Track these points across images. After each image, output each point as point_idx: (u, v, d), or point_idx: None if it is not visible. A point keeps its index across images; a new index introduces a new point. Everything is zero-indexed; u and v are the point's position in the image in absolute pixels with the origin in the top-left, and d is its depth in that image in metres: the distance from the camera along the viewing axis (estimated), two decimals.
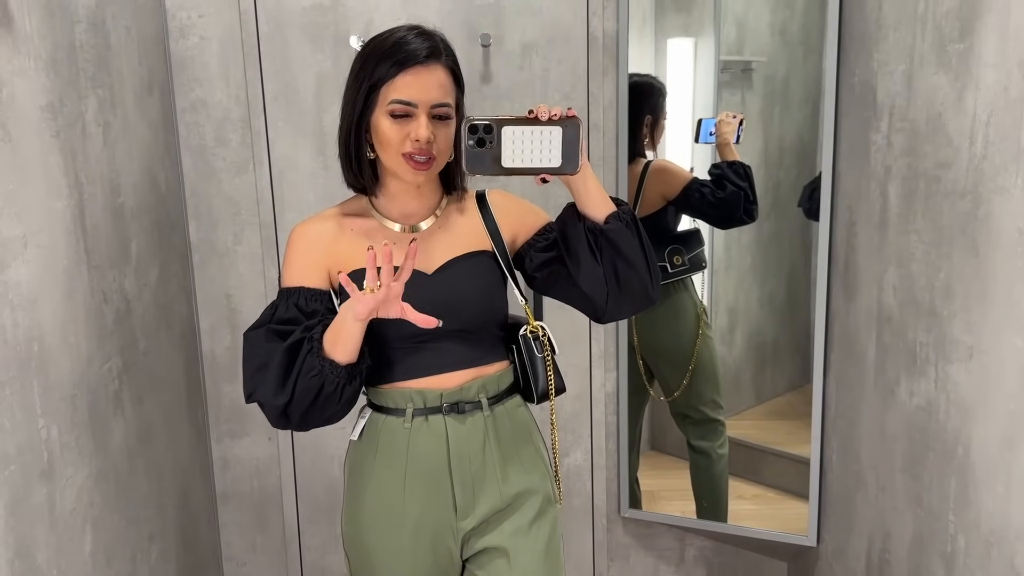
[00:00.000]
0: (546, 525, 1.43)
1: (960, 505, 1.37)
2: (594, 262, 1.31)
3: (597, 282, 1.32)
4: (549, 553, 1.42)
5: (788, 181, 2.06)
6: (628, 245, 1.30)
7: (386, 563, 1.40)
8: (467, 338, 1.37)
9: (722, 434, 2.16)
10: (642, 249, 1.31)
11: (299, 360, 1.26)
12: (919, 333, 1.48)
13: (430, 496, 1.37)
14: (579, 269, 1.33)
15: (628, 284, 1.32)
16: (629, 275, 1.32)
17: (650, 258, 1.33)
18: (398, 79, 1.26)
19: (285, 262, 1.36)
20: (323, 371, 1.24)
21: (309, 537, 2.17)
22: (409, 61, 1.26)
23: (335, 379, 1.25)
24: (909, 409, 1.52)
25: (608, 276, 1.32)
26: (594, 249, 1.31)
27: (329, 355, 1.25)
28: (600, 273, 1.31)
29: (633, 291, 1.33)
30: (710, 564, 2.23)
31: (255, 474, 2.12)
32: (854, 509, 1.79)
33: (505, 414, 1.41)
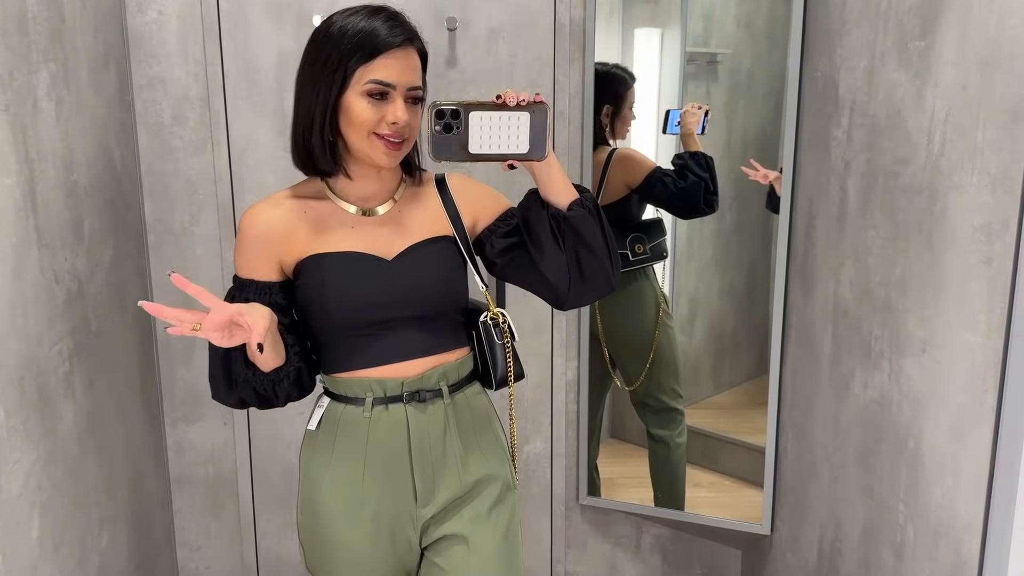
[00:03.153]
0: (505, 512, 1.43)
1: (910, 496, 1.39)
2: (557, 249, 1.31)
3: (559, 269, 1.32)
4: (508, 539, 1.42)
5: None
6: (590, 232, 1.30)
7: (344, 553, 1.39)
8: (428, 325, 1.36)
9: (681, 423, 2.18)
10: (604, 236, 1.32)
11: (232, 370, 1.30)
12: (874, 327, 1.50)
13: (390, 485, 1.36)
14: (542, 256, 1.32)
15: (590, 271, 1.32)
16: (591, 262, 1.32)
17: (611, 245, 1.33)
18: (377, 61, 1.24)
19: (236, 250, 1.34)
20: (249, 380, 1.30)
21: (264, 523, 2.14)
22: (389, 44, 1.24)
23: (263, 385, 1.31)
24: (863, 402, 1.55)
25: (570, 263, 1.32)
26: (557, 236, 1.30)
27: (253, 362, 1.29)
28: (563, 260, 1.31)
29: (595, 278, 1.33)
30: (666, 551, 2.26)
31: (210, 459, 2.09)
32: (808, 499, 1.82)
33: (465, 402, 1.40)
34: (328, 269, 1.31)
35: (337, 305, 1.30)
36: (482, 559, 1.38)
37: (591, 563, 2.25)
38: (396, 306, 1.32)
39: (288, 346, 1.32)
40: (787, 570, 1.95)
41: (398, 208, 1.37)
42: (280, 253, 1.32)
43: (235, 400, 1.34)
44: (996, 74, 1.16)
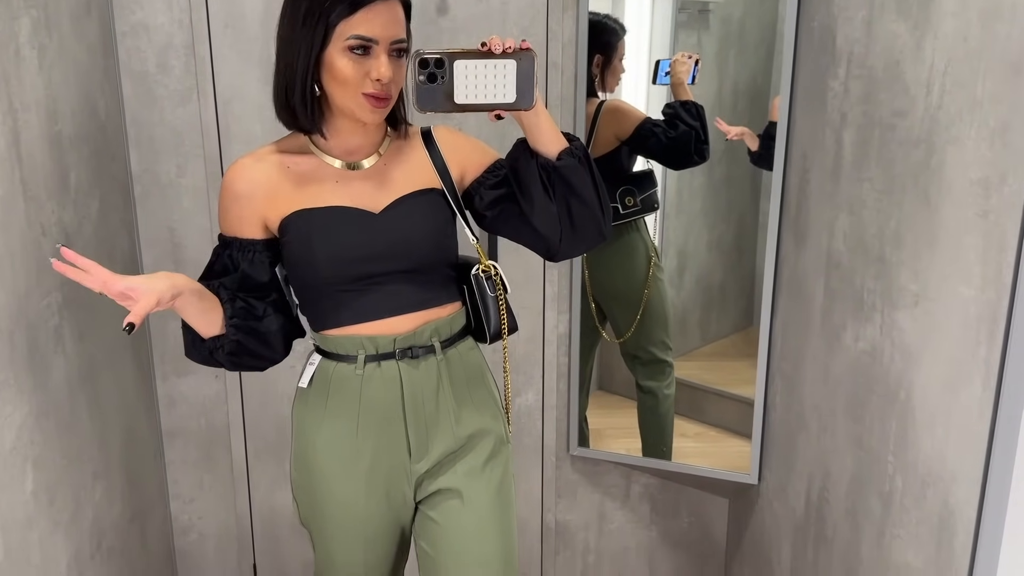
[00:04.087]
0: (499, 465, 1.44)
1: (899, 447, 1.41)
2: (547, 200, 1.29)
3: (550, 220, 1.31)
4: (501, 493, 1.43)
5: (741, 125, 2.06)
6: (581, 182, 1.28)
7: (338, 508, 1.40)
8: (418, 279, 1.34)
9: (670, 375, 2.19)
10: (594, 186, 1.30)
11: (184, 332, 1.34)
12: (867, 280, 1.51)
13: (384, 441, 1.37)
14: (532, 207, 1.30)
15: (581, 221, 1.31)
16: (582, 212, 1.30)
17: (602, 195, 1.32)
18: (357, 15, 1.20)
19: (220, 208, 1.33)
20: (194, 344, 1.33)
21: (258, 475, 2.15)
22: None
23: (202, 353, 1.33)
24: (854, 354, 1.56)
25: (561, 214, 1.30)
26: (547, 186, 1.29)
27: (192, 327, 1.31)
28: (554, 211, 1.30)
29: (586, 228, 1.32)
30: (654, 500, 2.29)
31: (202, 412, 2.09)
32: (796, 449, 1.84)
33: (458, 357, 1.40)
34: (314, 224, 1.29)
35: (325, 260, 1.29)
36: (476, 513, 1.39)
37: (581, 512, 2.28)
38: (385, 260, 1.30)
39: (230, 316, 1.30)
40: (774, 519, 1.98)
41: (383, 162, 1.35)
42: (264, 210, 1.31)
43: (200, 359, 1.35)
44: (997, 25, 1.15)
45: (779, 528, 1.95)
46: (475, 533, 1.40)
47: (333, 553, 1.44)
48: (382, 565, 1.46)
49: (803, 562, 1.81)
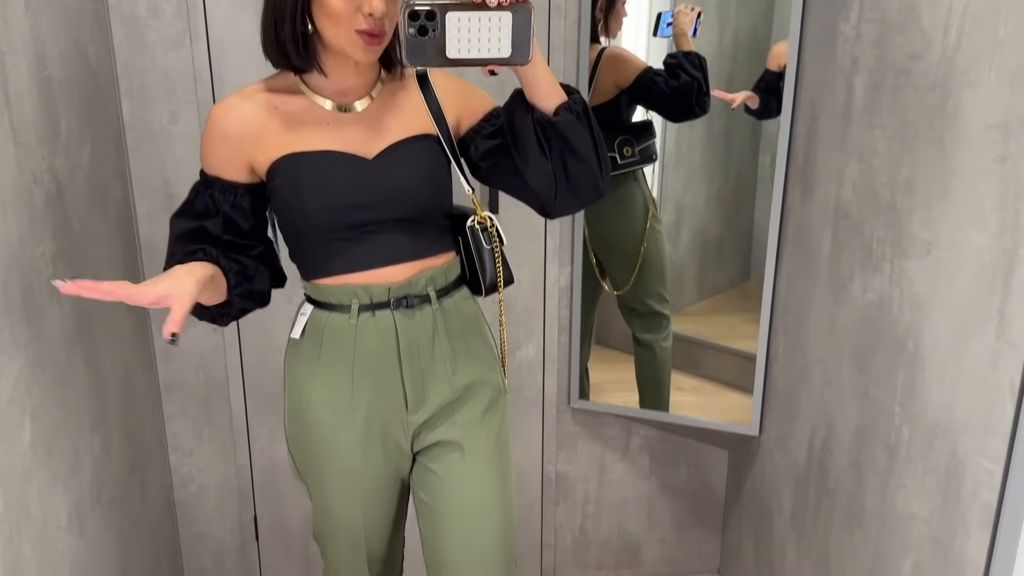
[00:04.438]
0: (497, 416, 1.42)
1: (907, 397, 1.40)
2: (541, 156, 1.25)
3: (545, 177, 1.26)
4: (500, 442, 1.42)
5: (741, 76, 2.02)
6: (579, 138, 1.23)
7: (335, 460, 1.38)
8: (412, 228, 1.30)
9: (667, 327, 2.18)
10: (593, 142, 1.25)
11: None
12: (876, 229, 1.48)
13: (379, 392, 1.34)
14: (526, 163, 1.26)
15: (577, 178, 1.26)
16: (579, 169, 1.25)
17: (601, 151, 1.27)
18: None
19: (203, 144, 1.27)
20: (196, 313, 1.27)
21: (257, 427, 2.14)
22: None
23: (208, 318, 1.30)
24: (861, 304, 1.54)
25: (557, 171, 1.26)
26: (542, 142, 1.24)
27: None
28: (548, 168, 1.25)
29: (582, 185, 1.27)
30: (654, 452, 2.29)
31: (200, 364, 2.07)
32: (798, 401, 1.84)
33: (453, 307, 1.37)
34: (304, 169, 1.24)
35: (316, 208, 1.24)
36: (476, 464, 1.38)
37: (581, 463, 2.28)
38: (378, 208, 1.26)
39: (234, 286, 1.27)
40: (775, 470, 1.99)
41: (377, 105, 1.30)
42: (251, 153, 1.26)
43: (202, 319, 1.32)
44: None
45: (780, 479, 1.95)
46: (475, 483, 1.38)
47: (330, 507, 1.42)
48: (381, 518, 1.45)
49: (804, 512, 1.82)
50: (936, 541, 1.34)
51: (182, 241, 1.28)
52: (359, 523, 1.42)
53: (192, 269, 1.18)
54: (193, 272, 1.17)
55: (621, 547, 2.37)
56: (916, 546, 1.39)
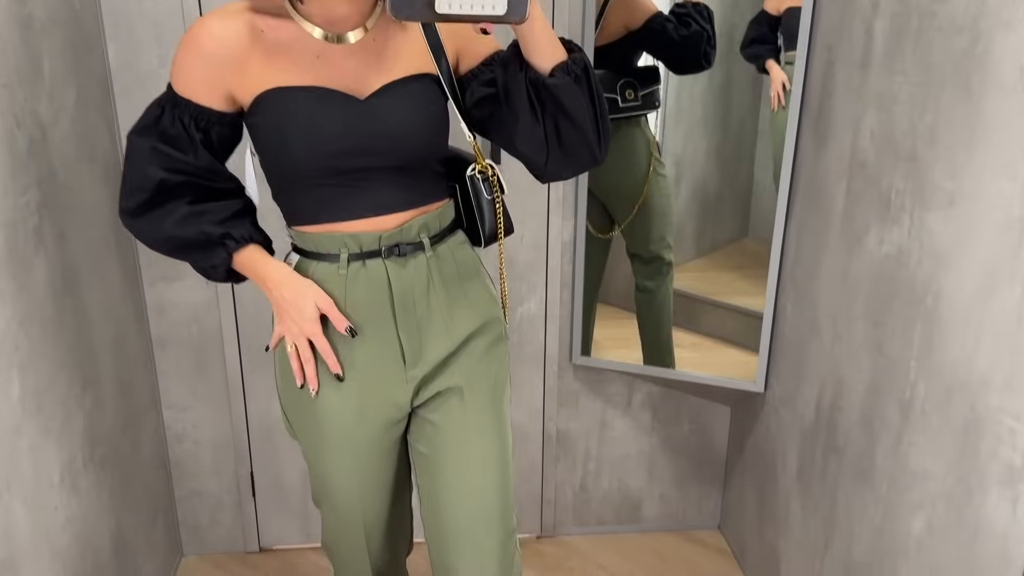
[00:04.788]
0: (496, 361, 1.36)
1: (924, 352, 1.37)
2: (533, 120, 1.17)
3: (536, 142, 1.19)
4: (498, 389, 1.36)
5: (742, 26, 1.95)
6: (574, 102, 1.15)
7: (329, 421, 1.31)
8: (405, 176, 1.23)
9: (668, 274, 2.13)
10: (592, 107, 1.17)
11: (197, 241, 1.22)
12: (895, 180, 1.43)
13: (374, 347, 1.27)
14: (516, 125, 1.18)
15: (571, 144, 1.19)
16: (573, 135, 1.18)
17: (600, 117, 1.18)
18: None
19: (178, 61, 1.16)
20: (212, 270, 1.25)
21: (253, 383, 2.10)
22: None
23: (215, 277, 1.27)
24: (877, 258, 1.50)
25: (549, 134, 1.18)
26: (535, 104, 1.16)
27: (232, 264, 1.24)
28: (540, 133, 1.18)
29: (576, 152, 1.20)
30: (655, 408, 2.26)
31: (193, 319, 2.02)
32: (807, 357, 1.80)
33: (448, 253, 1.30)
34: (290, 108, 1.15)
35: (302, 152, 1.16)
36: (475, 410, 1.33)
37: (582, 420, 2.25)
38: (369, 154, 1.18)
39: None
40: (779, 426, 1.96)
41: (372, 37, 1.19)
42: (231, 81, 1.15)
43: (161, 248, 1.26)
44: None
45: (785, 436, 1.93)
46: (474, 429, 1.33)
47: (325, 470, 1.36)
48: (380, 484, 1.38)
49: (811, 469, 1.79)
50: (950, 499, 1.31)
51: (170, 166, 1.17)
52: (355, 487, 1.36)
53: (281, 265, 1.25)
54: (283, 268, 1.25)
55: (621, 503, 2.35)
56: (929, 504, 1.36)
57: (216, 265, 1.24)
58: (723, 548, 2.33)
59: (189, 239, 1.21)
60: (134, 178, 1.18)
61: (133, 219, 1.21)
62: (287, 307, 1.23)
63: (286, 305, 1.23)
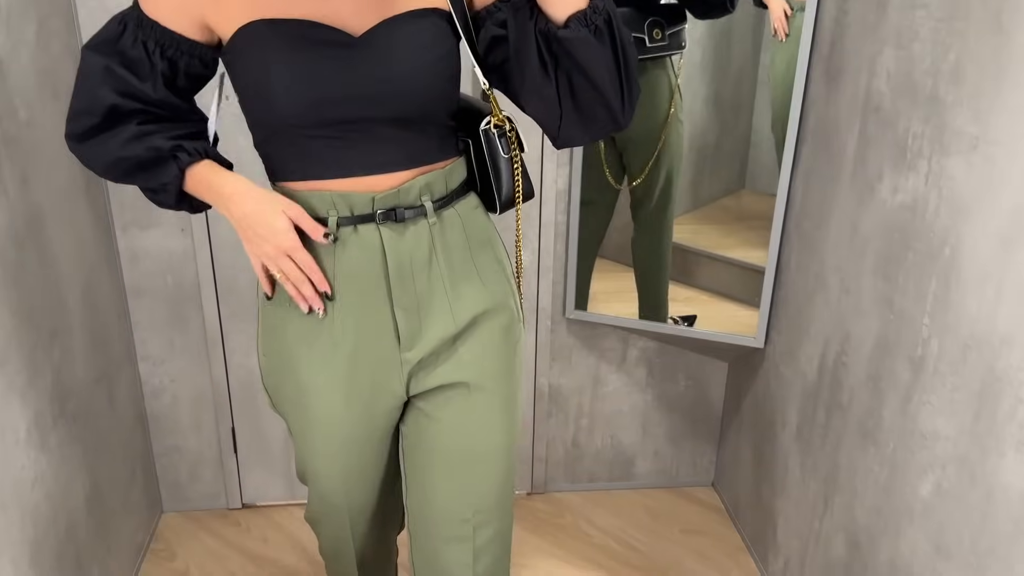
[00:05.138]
0: (509, 350, 1.21)
1: (939, 308, 1.29)
2: (544, 76, 1.02)
3: (546, 102, 1.04)
4: (511, 382, 1.22)
5: None
6: (593, 58, 0.99)
7: (314, 404, 1.17)
8: (406, 130, 1.06)
9: (670, 219, 2.04)
10: (616, 64, 1.00)
11: (146, 160, 1.05)
12: (913, 123, 1.34)
13: (365, 325, 1.12)
14: (522, 80, 1.03)
15: (589, 107, 1.03)
16: (590, 96, 1.02)
17: (626, 73, 1.01)
18: None
19: None
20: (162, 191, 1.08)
21: (233, 337, 2.02)
22: None
23: (166, 201, 1.11)
24: (890, 207, 1.41)
25: (563, 95, 1.03)
26: (545, 59, 1.01)
27: (184, 186, 1.08)
28: (551, 92, 1.03)
29: (595, 115, 1.04)
30: (651, 364, 2.20)
31: (168, 269, 1.93)
32: (811, 311, 1.73)
33: (456, 219, 1.13)
34: (273, 45, 1.00)
35: (284, 98, 1.00)
36: (483, 405, 1.19)
37: (575, 376, 2.18)
38: (364, 104, 1.02)
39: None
40: (780, 382, 1.89)
41: None
42: (207, 7, 1.01)
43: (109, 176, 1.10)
44: None
45: (785, 393, 1.86)
46: (479, 429, 1.19)
47: (309, 455, 1.23)
48: (368, 473, 1.26)
49: (812, 427, 1.73)
50: (963, 461, 1.25)
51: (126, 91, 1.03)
52: (339, 476, 1.23)
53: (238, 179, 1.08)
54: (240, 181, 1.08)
55: (614, 459, 2.30)
56: (940, 465, 1.30)
57: (166, 184, 1.06)
58: (717, 505, 2.28)
59: (137, 156, 1.04)
60: (83, 100, 1.04)
61: (79, 144, 1.07)
62: (253, 224, 1.05)
63: (251, 222, 1.05)
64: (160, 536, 2.09)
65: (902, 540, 1.41)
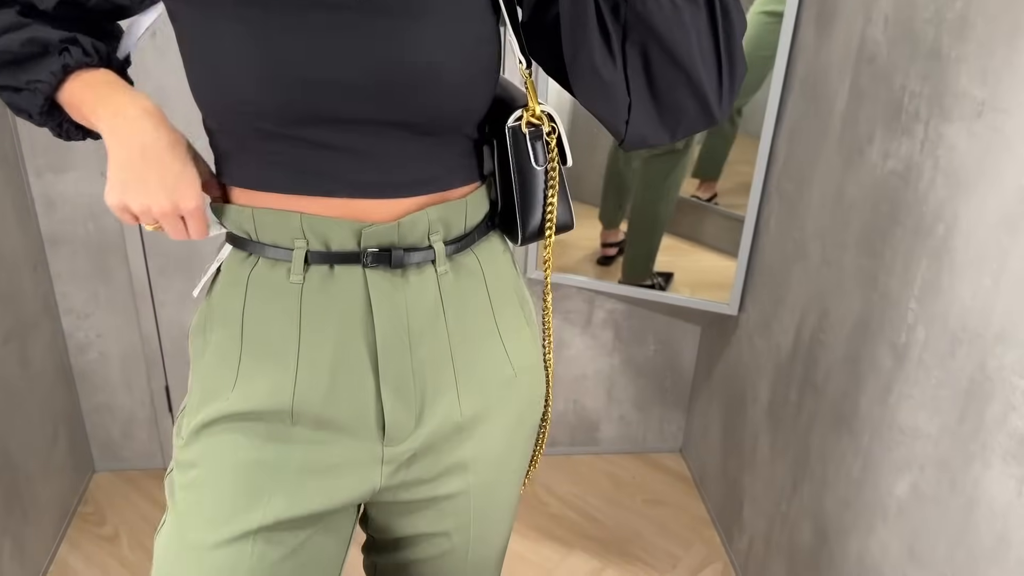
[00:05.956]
0: (525, 446, 0.93)
1: (927, 292, 1.14)
2: (605, 54, 0.73)
3: (606, 89, 0.75)
4: (517, 486, 0.96)
5: None
6: (679, 25, 0.71)
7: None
8: (420, 142, 0.75)
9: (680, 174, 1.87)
10: (713, 31, 0.73)
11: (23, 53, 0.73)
12: (910, 80, 1.17)
13: (338, 407, 0.80)
14: (575, 56, 0.74)
15: (671, 96, 0.75)
16: (674, 81, 0.74)
17: (727, 46, 0.73)
18: None
19: None
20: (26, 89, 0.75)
21: (162, 290, 1.86)
22: None
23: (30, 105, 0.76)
24: (880, 173, 1.26)
25: (633, 79, 0.75)
26: (608, 28, 0.72)
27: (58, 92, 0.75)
28: (616, 76, 0.74)
29: (679, 107, 0.76)
30: (618, 327, 2.06)
31: (89, 216, 1.75)
32: (789, 280, 1.58)
33: (475, 266, 0.83)
34: (232, 8, 0.68)
35: (240, 76, 0.69)
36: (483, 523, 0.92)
37: None
38: (362, 96, 0.70)
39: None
40: (752, 353, 1.76)
41: None
42: None
43: None
44: None
45: (758, 365, 1.73)
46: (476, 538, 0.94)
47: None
48: None
49: (784, 405, 1.60)
50: (943, 465, 1.12)
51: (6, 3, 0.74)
52: None
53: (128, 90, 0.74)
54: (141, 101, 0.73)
55: (577, 424, 2.18)
56: (918, 465, 1.17)
57: (37, 82, 0.74)
58: (683, 474, 2.17)
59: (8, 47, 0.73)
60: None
61: None
62: (153, 165, 0.72)
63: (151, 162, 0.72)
64: (90, 498, 1.96)
65: (872, 538, 1.29)
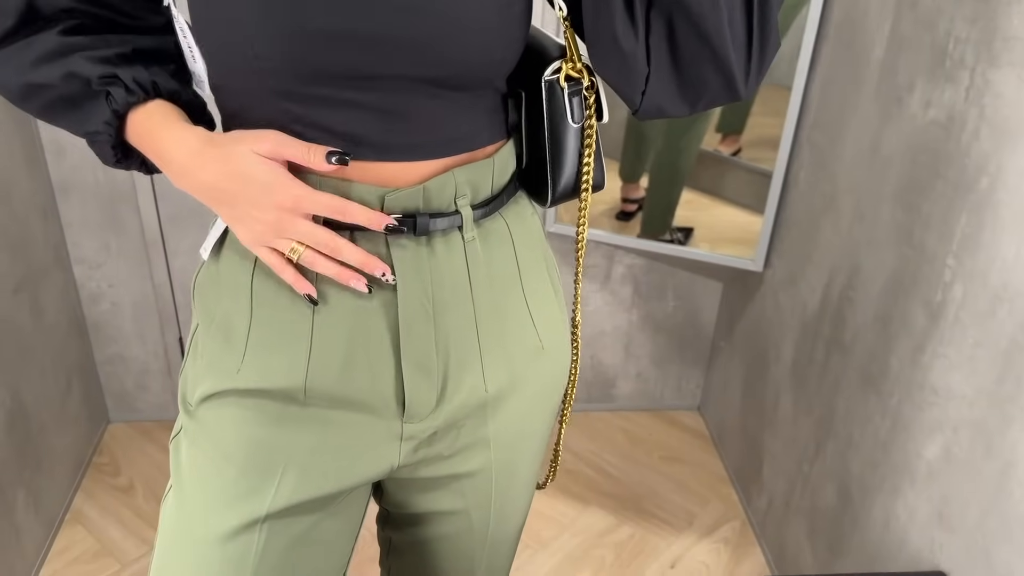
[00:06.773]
0: (548, 422, 0.89)
1: (967, 249, 1.10)
2: (627, 24, 0.67)
3: (624, 56, 0.68)
4: (536, 465, 0.92)
5: None
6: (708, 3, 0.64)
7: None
8: (446, 99, 0.69)
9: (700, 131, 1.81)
10: (747, 9, 0.66)
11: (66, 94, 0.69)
12: (956, 24, 1.11)
13: (355, 384, 0.75)
14: (596, 20, 0.68)
15: (694, 68, 0.68)
16: (697, 53, 0.67)
17: (761, 19, 0.66)
18: None
19: None
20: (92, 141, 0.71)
21: (175, 240, 1.83)
22: None
23: (105, 156, 0.73)
24: (920, 124, 1.20)
25: (655, 48, 0.68)
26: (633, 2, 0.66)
27: (125, 135, 0.71)
28: (635, 46, 0.68)
29: (701, 80, 0.69)
30: (638, 282, 2.01)
31: (97, 163, 1.72)
32: (818, 237, 1.53)
33: (504, 231, 0.77)
34: None
35: (256, 29, 0.62)
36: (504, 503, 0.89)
37: None
38: (386, 49, 0.64)
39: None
40: (777, 311, 1.72)
41: None
42: None
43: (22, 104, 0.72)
44: None
45: (782, 323, 1.69)
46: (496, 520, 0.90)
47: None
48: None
49: (809, 364, 1.56)
50: (979, 427, 1.08)
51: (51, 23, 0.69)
52: None
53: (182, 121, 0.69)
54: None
55: (593, 380, 2.15)
56: (951, 427, 1.14)
57: (97, 132, 0.70)
58: (701, 431, 2.15)
59: (52, 85, 0.69)
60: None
61: None
62: (229, 196, 0.67)
63: (223, 194, 0.67)
64: (104, 448, 1.96)
65: (899, 501, 1.26)
